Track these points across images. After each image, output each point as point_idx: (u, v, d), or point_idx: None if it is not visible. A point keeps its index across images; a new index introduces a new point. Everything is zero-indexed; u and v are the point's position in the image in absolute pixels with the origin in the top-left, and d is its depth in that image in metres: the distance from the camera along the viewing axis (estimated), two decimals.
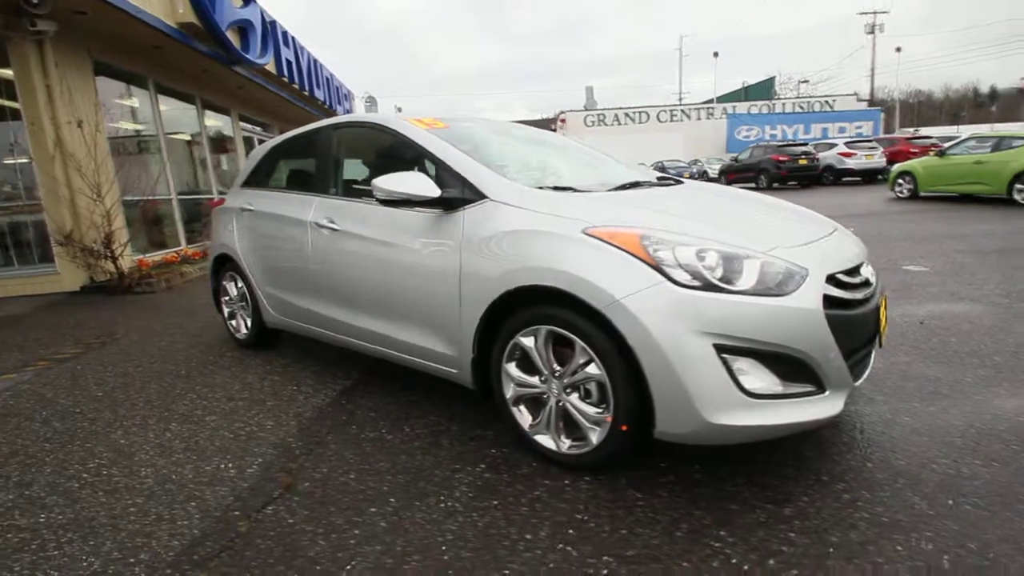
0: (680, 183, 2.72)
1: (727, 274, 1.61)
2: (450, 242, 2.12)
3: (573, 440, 1.90)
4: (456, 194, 2.14)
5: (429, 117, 2.61)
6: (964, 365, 2.64)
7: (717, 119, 27.93)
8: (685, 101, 37.08)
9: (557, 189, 2.15)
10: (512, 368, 2.00)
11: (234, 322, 3.73)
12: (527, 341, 1.91)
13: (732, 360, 1.58)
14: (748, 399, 1.58)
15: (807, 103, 29.62)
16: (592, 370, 1.76)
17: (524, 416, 2.03)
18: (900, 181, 11.57)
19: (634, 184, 2.48)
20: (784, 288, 1.61)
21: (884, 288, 2.03)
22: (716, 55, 37.87)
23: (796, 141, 20.96)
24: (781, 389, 1.62)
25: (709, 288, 1.59)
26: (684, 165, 23.89)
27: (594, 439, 1.81)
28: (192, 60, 7.25)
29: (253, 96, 10.05)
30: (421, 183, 2.13)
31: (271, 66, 8.99)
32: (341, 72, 13.62)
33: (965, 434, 2.01)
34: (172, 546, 1.65)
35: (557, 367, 1.88)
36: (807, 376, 1.64)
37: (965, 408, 2.22)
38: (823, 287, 1.66)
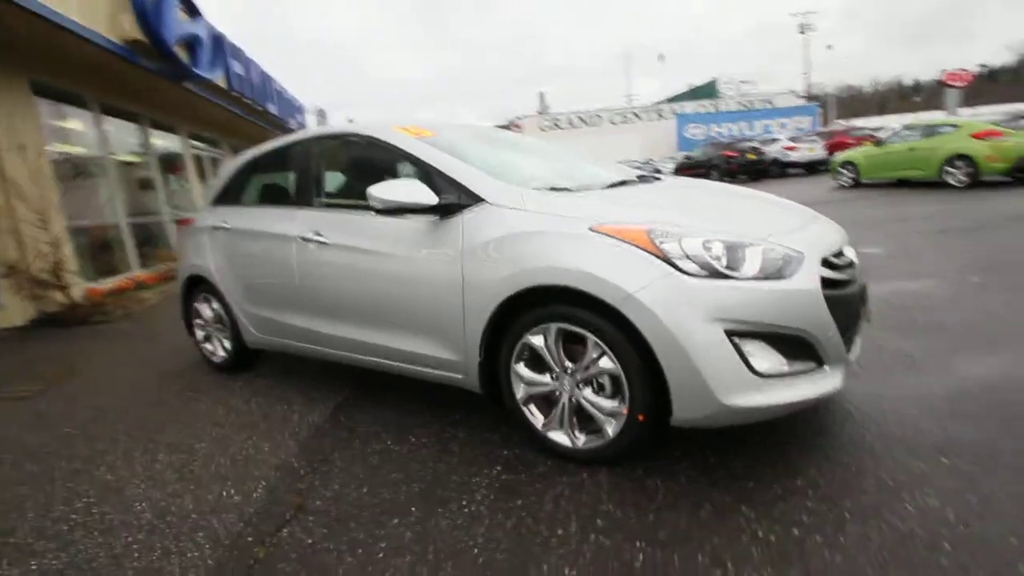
0: (659, 180, 2.81)
1: (732, 262, 1.68)
2: (449, 248, 2.12)
3: (588, 435, 1.93)
4: (453, 200, 2.14)
5: (414, 126, 2.60)
6: (932, 337, 2.83)
7: (667, 119, 28.86)
8: (634, 103, 38.09)
9: (553, 190, 2.19)
10: (521, 368, 2.01)
11: (209, 345, 3.58)
12: (536, 340, 1.93)
13: (742, 343, 1.64)
14: (759, 380, 1.65)
15: (749, 101, 31.02)
16: (605, 364, 1.80)
17: (535, 415, 2.04)
18: (842, 170, 12.23)
19: (622, 183, 2.55)
20: (784, 272, 1.69)
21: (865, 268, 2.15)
22: (662, 58, 39.27)
23: (743, 137, 21.90)
24: (787, 368, 1.69)
25: (716, 276, 1.66)
26: (639, 165, 24.52)
27: (610, 431, 1.84)
28: (139, 78, 6.93)
29: (203, 113, 9.69)
30: (418, 190, 2.12)
31: (222, 81, 8.70)
32: (286, 86, 13.29)
33: (945, 399, 2.15)
34: None
35: (569, 364, 1.90)
36: (809, 354, 1.72)
37: (940, 376, 2.37)
38: (819, 269, 1.75)
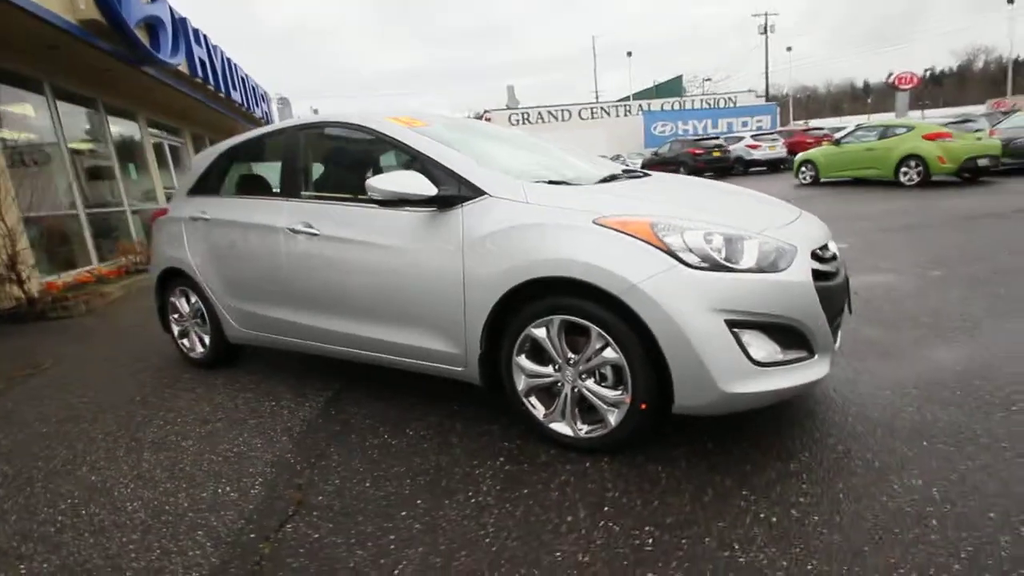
0: (648, 175, 2.86)
1: (731, 255, 1.74)
2: (449, 240, 2.11)
3: (589, 424, 1.97)
4: (452, 192, 2.13)
5: (405, 116, 2.58)
6: (900, 327, 3.00)
7: (634, 116, 29.27)
8: (601, 99, 38.42)
9: (552, 183, 2.21)
10: (523, 360, 2.03)
11: (187, 341, 3.47)
12: (539, 332, 1.96)
13: (741, 333, 1.71)
14: (756, 368, 1.72)
15: (713, 100, 31.76)
16: (609, 354, 1.84)
17: (536, 407, 2.07)
18: (803, 169, 12.69)
19: (613, 177, 2.59)
20: (779, 265, 1.77)
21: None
22: (630, 55, 39.69)
23: (709, 135, 22.44)
24: (781, 356, 1.77)
25: (717, 268, 1.72)
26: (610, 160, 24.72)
27: (612, 420, 1.89)
28: (95, 60, 6.59)
29: (163, 99, 9.29)
30: (418, 182, 2.11)
31: (184, 66, 8.35)
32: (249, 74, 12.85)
33: (918, 385, 2.29)
34: None
35: (571, 355, 1.93)
36: (801, 343, 1.81)
37: (911, 363, 2.52)
38: (810, 262, 1.84)
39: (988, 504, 1.53)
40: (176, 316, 3.48)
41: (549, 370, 2.00)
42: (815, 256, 1.92)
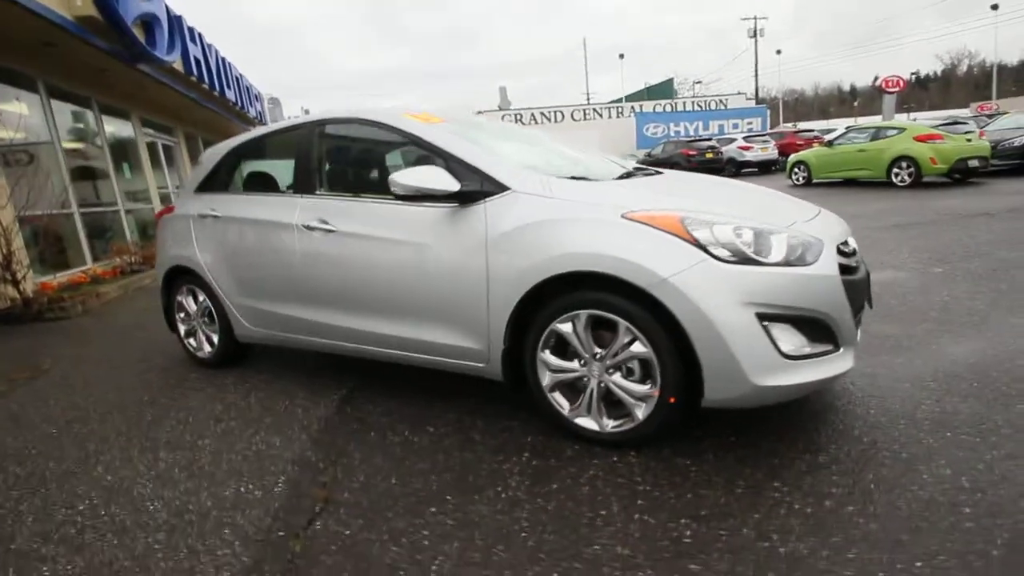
0: (660, 172, 2.87)
1: (760, 249, 1.75)
2: (472, 236, 2.11)
3: (616, 419, 1.97)
4: (475, 187, 2.13)
5: (422, 112, 2.57)
6: (910, 322, 3.03)
7: (626, 118, 29.40)
8: (593, 100, 38.58)
9: (574, 179, 2.21)
10: (548, 356, 2.03)
11: (193, 340, 3.42)
12: (565, 327, 1.95)
13: (770, 326, 1.72)
14: (785, 361, 1.73)
15: (704, 102, 31.99)
16: (637, 348, 1.84)
17: (561, 401, 2.07)
18: (796, 170, 12.83)
19: (629, 174, 2.60)
20: (807, 258, 1.78)
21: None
22: (622, 57, 40.00)
23: (702, 137, 22.60)
24: (809, 350, 1.78)
25: (746, 262, 1.73)
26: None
27: (640, 415, 1.89)
28: (90, 58, 6.50)
29: (156, 98, 9.18)
30: (441, 177, 2.10)
31: (179, 65, 8.26)
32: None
33: (935, 378, 2.32)
34: None
35: (597, 349, 1.93)
36: (827, 336, 1.82)
37: (926, 357, 2.55)
38: (836, 256, 1.85)
39: (1019, 491, 1.55)
40: (183, 315, 3.43)
41: (574, 365, 2.00)
42: (838, 251, 1.94)
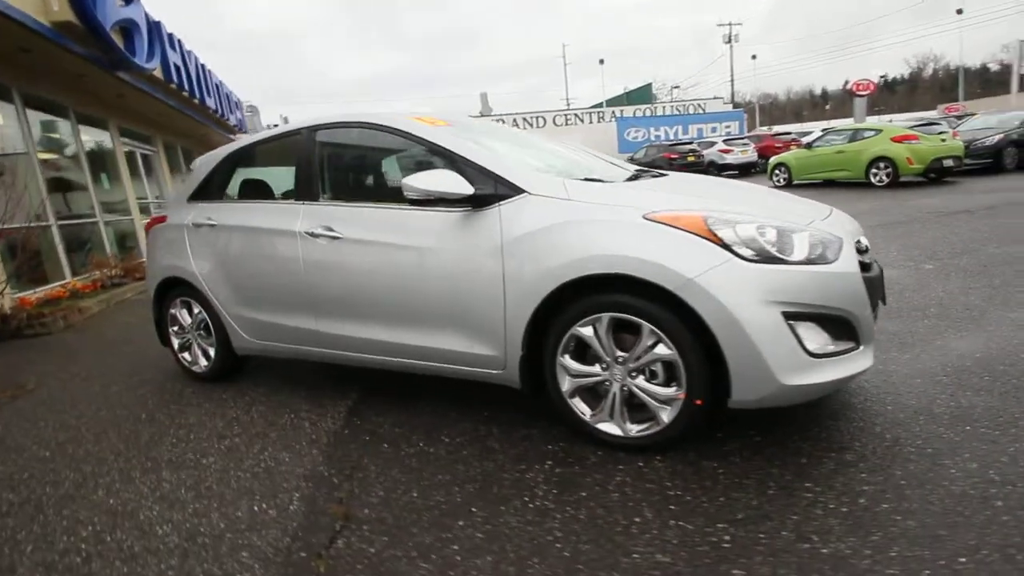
0: (665, 174, 2.87)
1: (783, 247, 1.75)
2: (487, 240, 2.07)
3: (639, 423, 1.94)
4: (489, 190, 2.09)
5: (427, 116, 2.53)
6: (911, 318, 3.07)
7: (607, 122, 29.65)
8: (573, 105, 38.86)
9: (587, 180, 2.19)
10: (568, 360, 2.00)
11: (188, 354, 3.31)
12: (586, 331, 1.92)
13: (796, 325, 1.71)
14: (811, 359, 1.73)
15: (683, 106, 32.45)
16: (661, 350, 1.82)
17: (582, 407, 2.03)
18: (777, 171, 13.07)
19: (637, 175, 2.59)
20: (828, 256, 1.78)
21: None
22: (602, 62, 40.47)
23: (683, 140, 22.91)
24: (833, 348, 1.78)
25: (771, 261, 1.72)
26: None
27: (665, 418, 1.87)
28: (68, 65, 6.31)
29: (135, 106, 8.96)
30: (455, 181, 2.06)
31: (158, 72, 8.08)
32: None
33: (945, 373, 2.34)
34: None
35: (620, 353, 1.91)
36: (849, 334, 1.82)
37: (932, 352, 2.58)
38: (855, 253, 1.86)
39: None
40: (176, 328, 3.32)
41: (596, 369, 1.97)
42: (855, 248, 1.95)
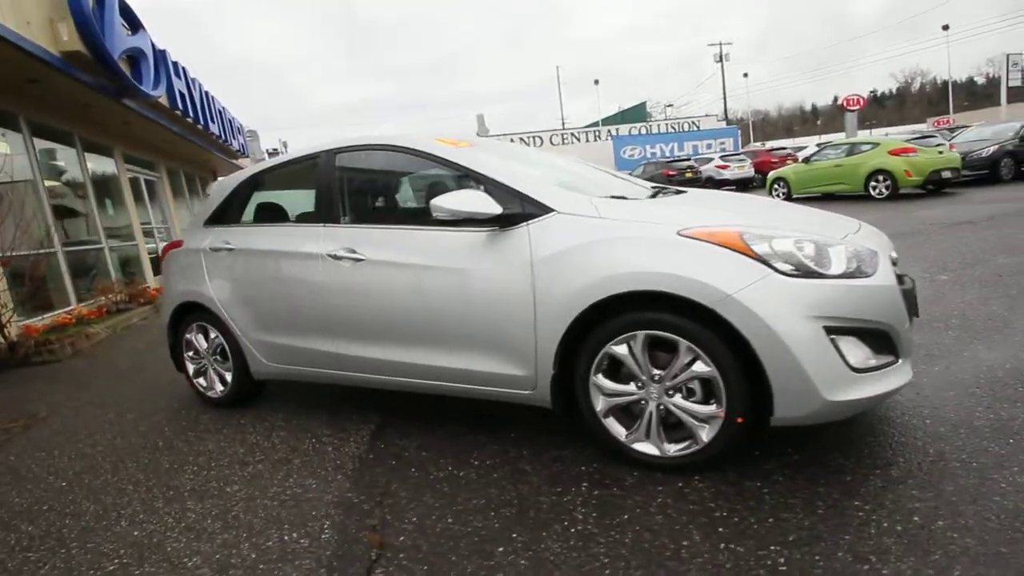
0: (684, 191, 2.88)
1: (821, 261, 1.74)
2: (516, 259, 2.06)
3: (677, 442, 1.91)
4: (516, 210, 2.09)
5: (450, 138, 2.54)
6: (935, 330, 3.06)
7: (603, 141, 30.04)
8: (568, 125, 39.32)
9: (614, 198, 2.19)
10: (601, 379, 1.97)
11: (203, 380, 3.27)
12: (620, 349, 1.90)
13: (838, 340, 1.69)
14: (854, 374, 1.70)
15: (678, 124, 32.92)
16: (699, 368, 1.79)
17: (617, 427, 2.00)
18: (776, 186, 13.17)
19: (657, 192, 2.60)
20: (866, 269, 1.77)
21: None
22: (597, 83, 41.15)
23: (680, 157, 23.18)
24: (874, 362, 1.76)
25: (809, 275, 1.71)
26: None
27: (704, 436, 1.83)
28: (76, 94, 6.36)
29: (140, 133, 9.03)
30: (483, 200, 2.06)
31: (164, 99, 8.16)
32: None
33: (978, 384, 2.32)
34: None
35: (656, 371, 1.88)
36: (889, 347, 1.80)
37: (962, 364, 2.56)
38: (891, 266, 1.85)
39: None
40: (191, 354, 3.28)
41: (631, 388, 1.94)
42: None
